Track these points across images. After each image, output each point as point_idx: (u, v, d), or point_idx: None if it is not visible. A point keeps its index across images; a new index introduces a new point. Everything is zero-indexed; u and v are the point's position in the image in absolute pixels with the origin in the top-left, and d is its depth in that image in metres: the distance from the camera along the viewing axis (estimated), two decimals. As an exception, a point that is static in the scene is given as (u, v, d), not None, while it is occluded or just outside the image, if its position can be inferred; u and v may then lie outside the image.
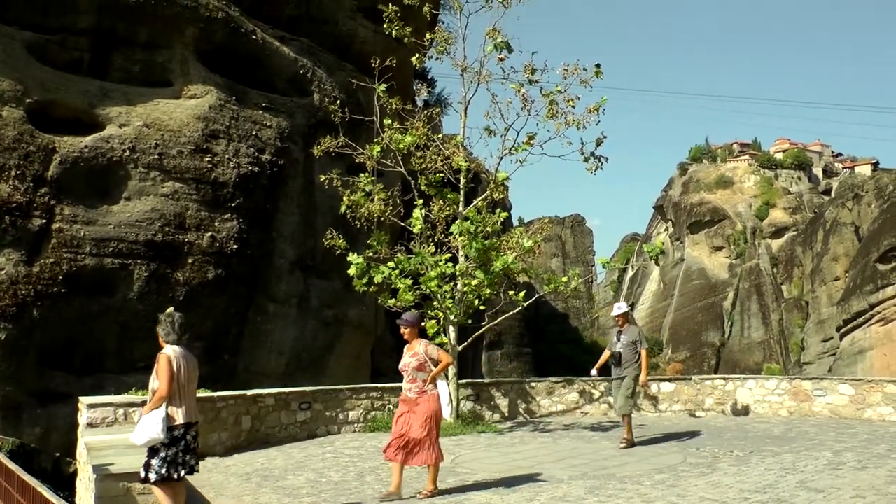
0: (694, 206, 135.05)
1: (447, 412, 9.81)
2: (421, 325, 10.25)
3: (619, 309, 14.44)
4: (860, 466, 11.15)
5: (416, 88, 39.94)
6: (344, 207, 16.87)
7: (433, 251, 16.69)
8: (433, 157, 16.98)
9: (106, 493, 8.40)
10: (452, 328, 16.76)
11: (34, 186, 18.75)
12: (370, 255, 16.54)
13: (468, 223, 15.95)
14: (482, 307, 17.19)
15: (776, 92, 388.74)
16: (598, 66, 16.20)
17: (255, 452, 13.49)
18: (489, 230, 16.51)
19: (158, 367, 7.58)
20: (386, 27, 17.50)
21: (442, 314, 16.57)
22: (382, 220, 17.26)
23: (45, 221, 18.83)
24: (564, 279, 17.88)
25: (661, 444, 14.12)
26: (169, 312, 8.04)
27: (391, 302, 16.55)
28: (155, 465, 7.53)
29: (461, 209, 16.98)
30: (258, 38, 23.57)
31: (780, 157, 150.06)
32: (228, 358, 21.85)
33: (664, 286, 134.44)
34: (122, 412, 12.58)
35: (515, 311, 19.78)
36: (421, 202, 16.84)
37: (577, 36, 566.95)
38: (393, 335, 32.84)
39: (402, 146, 17.06)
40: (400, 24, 17.33)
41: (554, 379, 19.07)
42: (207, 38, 22.30)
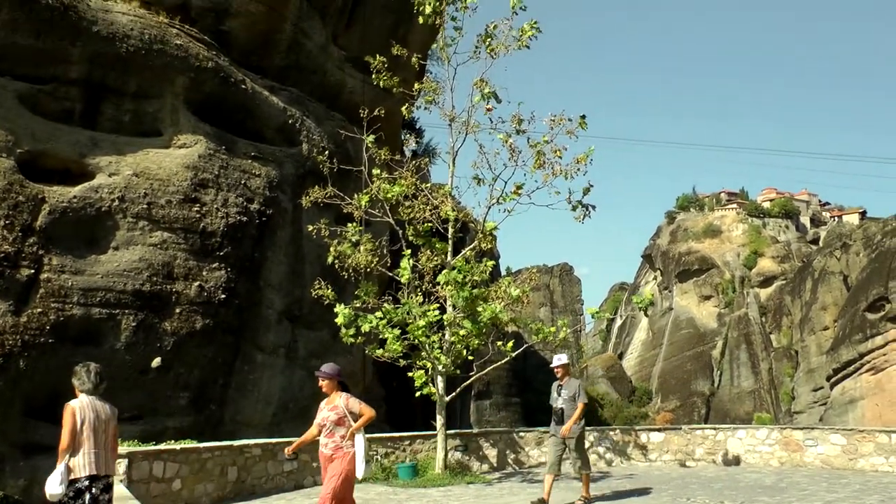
0: (682, 255, 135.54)
1: (362, 471, 9.36)
2: (340, 377, 9.91)
3: (558, 360, 14.00)
4: (851, 517, 11.10)
5: (404, 138, 40.19)
6: (332, 257, 16.89)
7: (421, 301, 16.67)
8: (421, 206, 17.04)
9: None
10: (440, 378, 16.71)
11: (23, 236, 18.69)
12: (358, 305, 16.52)
13: (456, 273, 15.96)
14: (470, 357, 17.14)
15: (762, 141, 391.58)
16: (582, 116, 16.34)
17: (241, 504, 13.37)
18: (477, 280, 16.51)
19: (63, 418, 7.45)
20: (374, 78, 17.64)
21: (430, 364, 16.53)
22: (370, 270, 17.26)
23: (33, 271, 18.75)
24: (553, 329, 17.82)
25: (651, 494, 14.04)
26: (85, 363, 7.96)
27: (379, 352, 16.51)
28: None
29: (449, 259, 17.01)
30: (248, 87, 23.71)
31: (767, 206, 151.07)
32: (215, 408, 21.68)
33: (653, 335, 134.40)
34: (106, 464, 12.44)
35: (504, 360, 19.74)
36: (409, 252, 16.86)
37: (564, 85, 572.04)
38: (382, 386, 32.70)
39: (390, 196, 17.12)
40: (388, 74, 17.47)
41: (543, 429, 18.96)
42: (197, 87, 22.41)
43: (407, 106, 18.18)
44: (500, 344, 17.48)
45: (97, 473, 7.47)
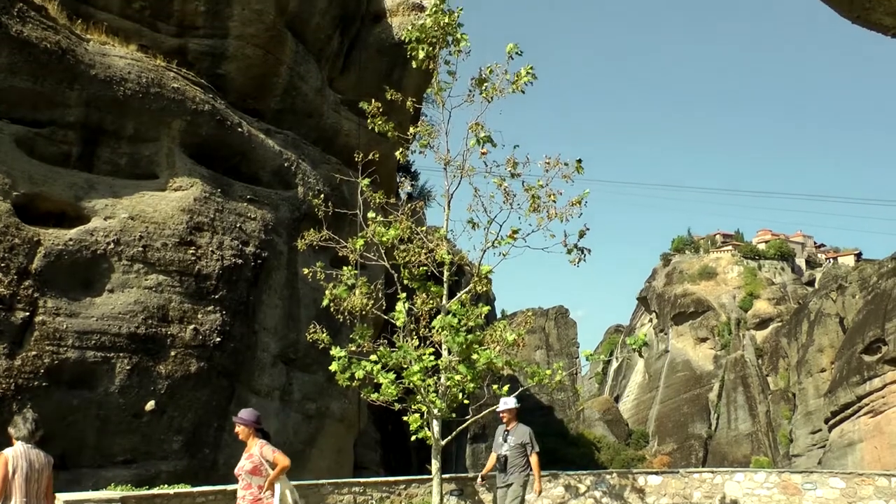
0: (678, 297, 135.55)
1: None
2: (257, 423, 9.70)
3: (505, 405, 13.64)
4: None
5: (399, 181, 40.34)
6: (327, 301, 16.84)
7: (416, 345, 16.61)
8: (417, 250, 17.02)
9: None
10: (436, 422, 16.61)
11: (18, 279, 18.68)
12: (353, 348, 16.45)
13: (451, 317, 15.92)
14: (466, 401, 17.05)
15: (757, 183, 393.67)
16: (578, 160, 16.36)
17: (234, 550, 13.21)
18: (472, 324, 16.46)
19: None
20: (369, 122, 17.69)
21: (425, 408, 16.44)
22: (365, 313, 17.21)
23: (28, 314, 18.71)
24: (548, 372, 17.71)
25: (647, 540, 13.93)
26: (24, 411, 7.90)
27: (374, 396, 16.41)
28: None
29: (444, 302, 16.97)
30: (244, 130, 23.83)
31: (762, 247, 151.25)
32: (209, 452, 21.54)
33: (649, 378, 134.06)
34: (99, 509, 12.36)
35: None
36: (404, 295, 16.82)
37: (559, 126, 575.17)
38: (378, 429, 32.54)
39: (385, 240, 17.10)
40: (383, 119, 17.53)
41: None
42: (194, 130, 22.52)
43: (402, 150, 18.22)
44: (495, 387, 17.37)
45: None
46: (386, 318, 17.44)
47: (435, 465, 16.18)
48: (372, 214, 17.30)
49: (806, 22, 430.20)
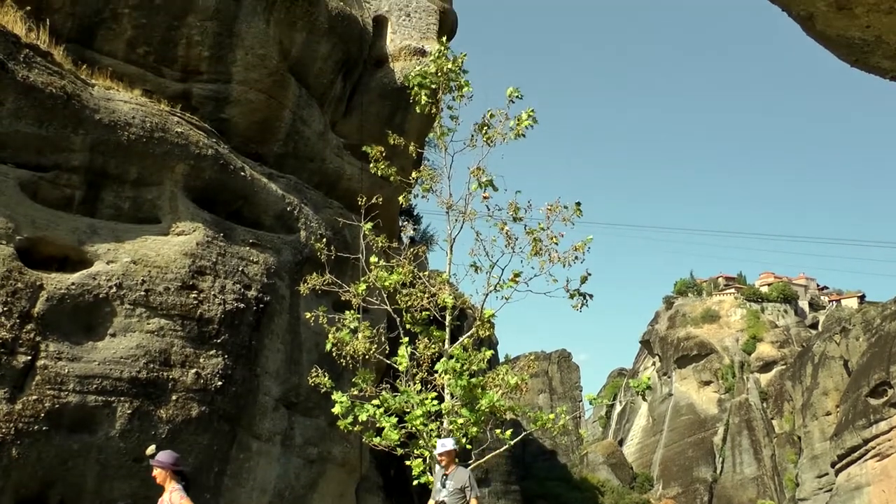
0: (681, 340, 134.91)
1: None
2: (175, 465, 9.54)
3: (443, 447, 13.21)
4: None
5: (401, 225, 40.43)
6: (329, 345, 16.80)
7: (419, 389, 16.55)
8: (419, 294, 17.00)
9: None
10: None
11: (20, 323, 18.67)
12: (355, 392, 16.39)
13: (453, 361, 15.87)
14: (469, 446, 16.95)
15: (759, 226, 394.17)
16: (577, 204, 16.40)
17: None
18: (475, 368, 16.41)
19: None
20: (372, 167, 17.76)
21: (428, 453, 16.34)
22: (368, 357, 17.16)
23: (30, 358, 18.67)
24: (552, 416, 17.63)
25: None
26: None
27: (376, 440, 16.32)
28: None
29: (447, 346, 16.92)
30: (247, 174, 23.92)
31: (765, 290, 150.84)
32: (209, 497, 21.39)
33: (653, 421, 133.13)
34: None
35: (502, 448, 19.48)
36: (406, 340, 16.78)
37: (560, 171, 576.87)
38: (380, 474, 32.32)
39: (387, 284, 17.10)
40: (385, 163, 17.59)
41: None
42: (197, 174, 22.61)
43: (404, 194, 18.28)
44: (498, 431, 17.28)
45: None
46: (388, 362, 17.38)
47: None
48: (374, 259, 17.31)
49: (807, 67, 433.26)
